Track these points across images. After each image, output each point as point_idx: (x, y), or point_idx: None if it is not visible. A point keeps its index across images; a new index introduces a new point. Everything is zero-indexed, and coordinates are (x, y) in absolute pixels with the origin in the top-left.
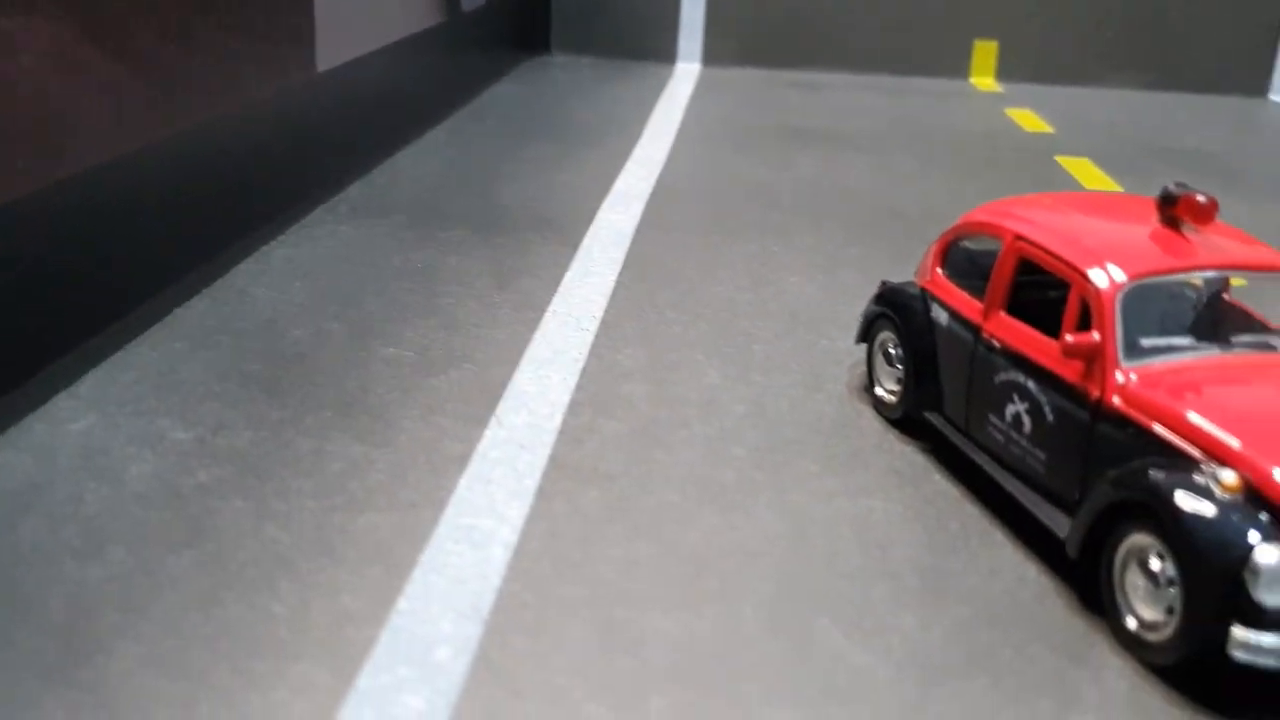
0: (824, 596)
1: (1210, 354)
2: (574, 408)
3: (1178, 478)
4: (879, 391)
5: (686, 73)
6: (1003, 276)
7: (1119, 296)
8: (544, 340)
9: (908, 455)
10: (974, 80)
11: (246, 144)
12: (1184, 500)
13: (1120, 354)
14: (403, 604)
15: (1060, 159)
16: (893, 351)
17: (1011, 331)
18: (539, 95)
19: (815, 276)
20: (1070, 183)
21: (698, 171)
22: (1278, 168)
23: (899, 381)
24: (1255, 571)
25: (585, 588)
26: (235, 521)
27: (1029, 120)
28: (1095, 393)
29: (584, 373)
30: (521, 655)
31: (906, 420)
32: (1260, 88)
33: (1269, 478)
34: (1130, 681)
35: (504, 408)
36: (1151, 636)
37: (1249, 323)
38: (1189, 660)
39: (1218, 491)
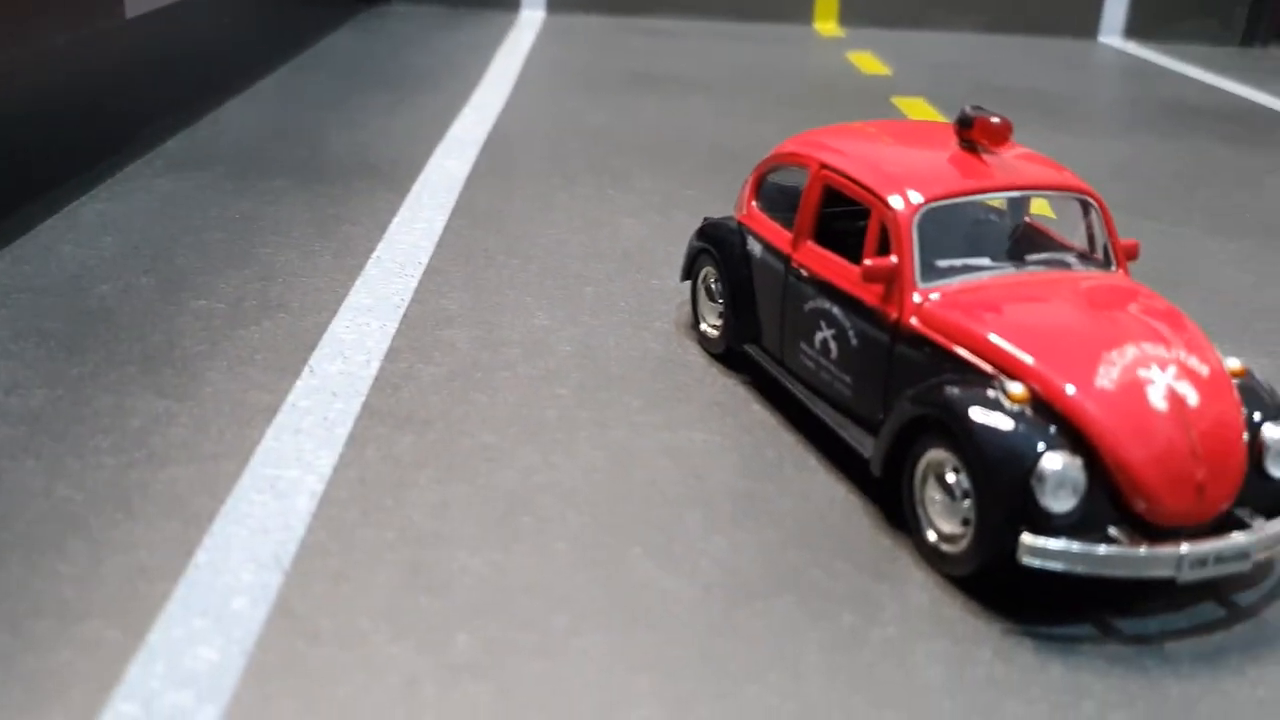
0: (638, 527)
1: (1005, 273)
2: (392, 354)
3: (969, 392)
4: (703, 327)
5: (531, 20)
6: (809, 205)
7: (915, 219)
8: (365, 287)
9: (730, 388)
10: (817, 25)
11: (47, 95)
12: (974, 413)
13: (917, 276)
14: (201, 557)
15: (896, 99)
16: (714, 286)
17: (818, 259)
18: (377, 44)
19: (650, 218)
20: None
21: (537, 117)
22: (1104, 104)
23: (720, 316)
24: (1041, 478)
25: (393, 532)
26: (24, 482)
27: (869, 63)
28: (894, 314)
29: (405, 318)
30: (322, 601)
31: (730, 354)
32: (1090, 30)
33: (1056, 389)
34: (931, 594)
35: (318, 356)
36: (950, 548)
37: (1045, 242)
38: (985, 569)
39: (1006, 404)
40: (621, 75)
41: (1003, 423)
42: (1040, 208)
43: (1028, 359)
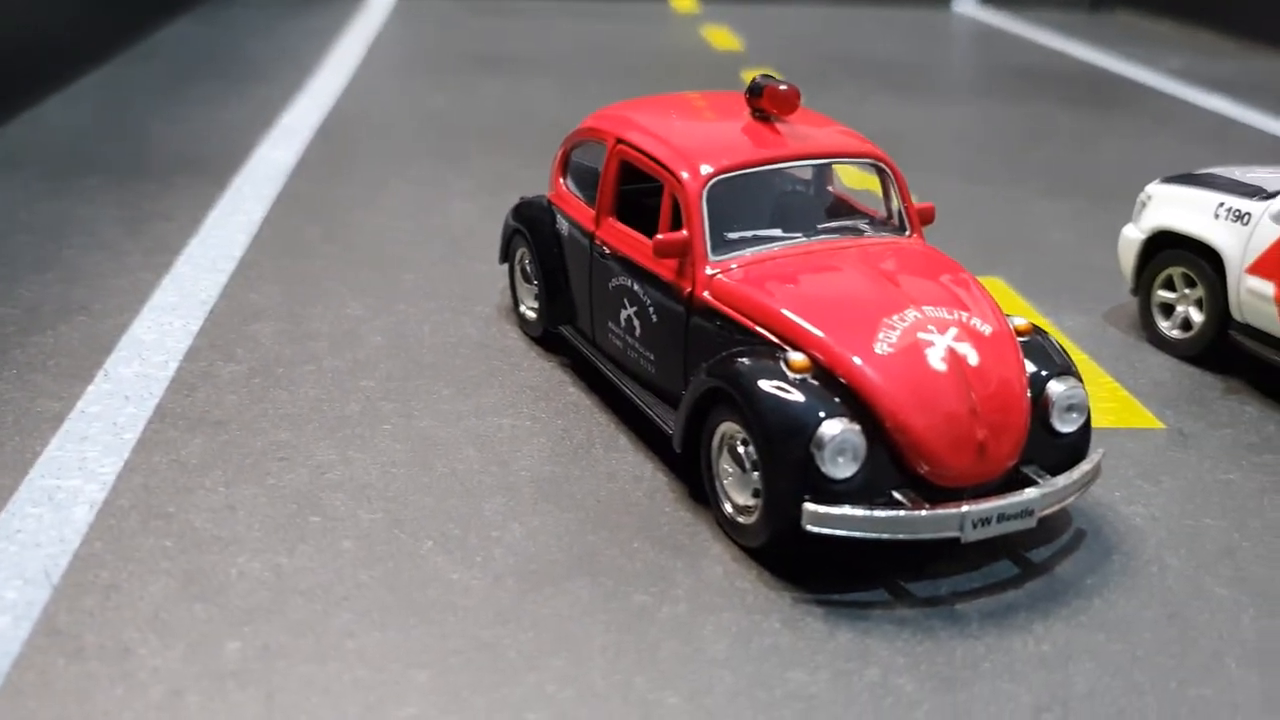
0: (433, 520)
1: (796, 243)
2: (193, 353)
3: (752, 363)
4: (522, 309)
5: (381, 3)
6: (608, 181)
7: (703, 192)
8: (172, 285)
9: (546, 371)
10: (673, 2)
11: None
12: (755, 384)
13: (708, 248)
14: None
15: (746, 73)
16: (530, 268)
17: (619, 236)
18: (218, 33)
19: (483, 200)
20: None
21: (376, 102)
22: (952, 72)
23: (537, 298)
24: (820, 445)
25: (171, 539)
26: None
27: (722, 38)
28: (688, 288)
29: (211, 315)
30: (90, 615)
31: (549, 336)
32: None
33: (837, 357)
34: (726, 567)
35: (114, 359)
36: (744, 520)
37: (840, 209)
38: (778, 539)
39: (788, 373)
40: (469, 57)
41: (783, 392)
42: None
43: (810, 328)
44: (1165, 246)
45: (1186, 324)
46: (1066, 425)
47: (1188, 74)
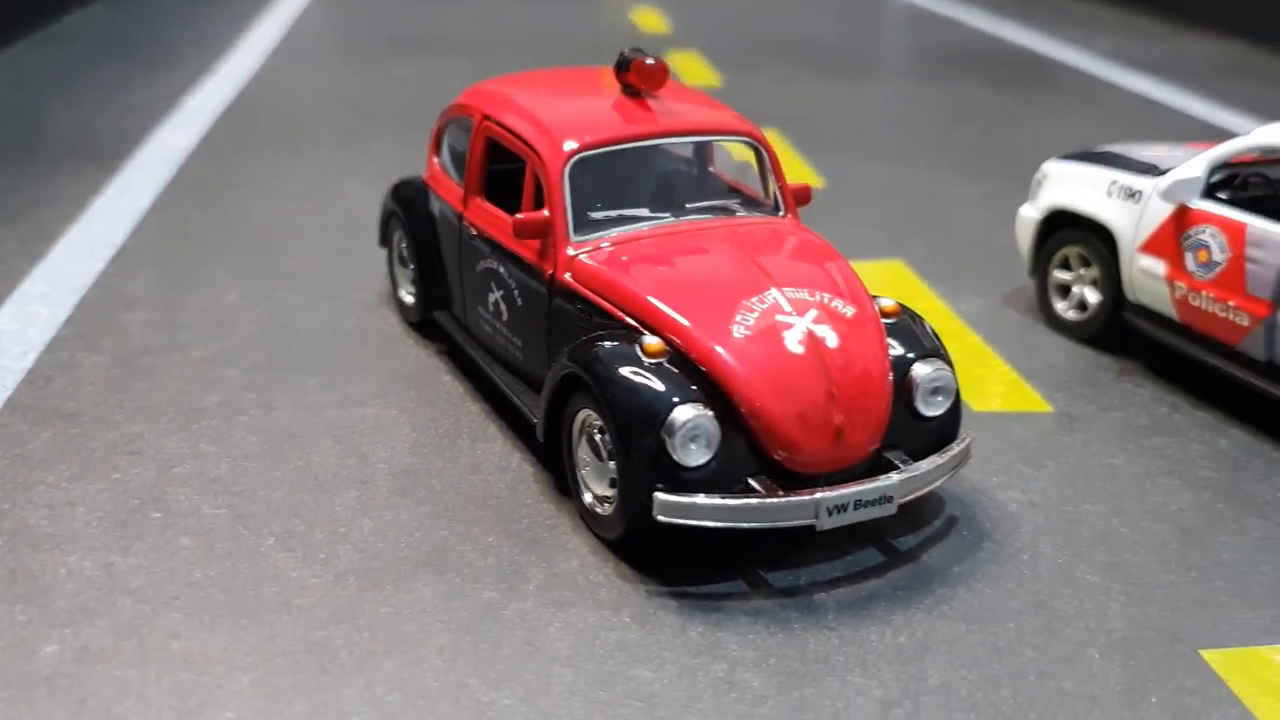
0: (279, 514)
1: (663, 223)
2: (56, 343)
3: (607, 348)
4: (400, 294)
5: None
6: (475, 159)
7: (565, 170)
8: (44, 274)
9: (421, 359)
10: None
11: None
12: (608, 370)
13: (570, 229)
14: None
15: (669, 56)
16: (406, 251)
17: (486, 217)
18: (132, 15)
19: (381, 184)
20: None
21: (287, 85)
22: (881, 53)
23: (414, 282)
24: (671, 432)
25: (2, 537)
26: None
27: (650, 20)
28: (549, 270)
29: (81, 304)
30: None
31: (428, 322)
32: None
33: (693, 340)
34: (583, 560)
35: None
36: (602, 511)
37: (712, 188)
38: (636, 529)
39: (642, 358)
40: (389, 39)
41: (636, 378)
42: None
43: (667, 311)
44: (1061, 226)
45: (1083, 305)
46: (932, 408)
47: (1118, 55)
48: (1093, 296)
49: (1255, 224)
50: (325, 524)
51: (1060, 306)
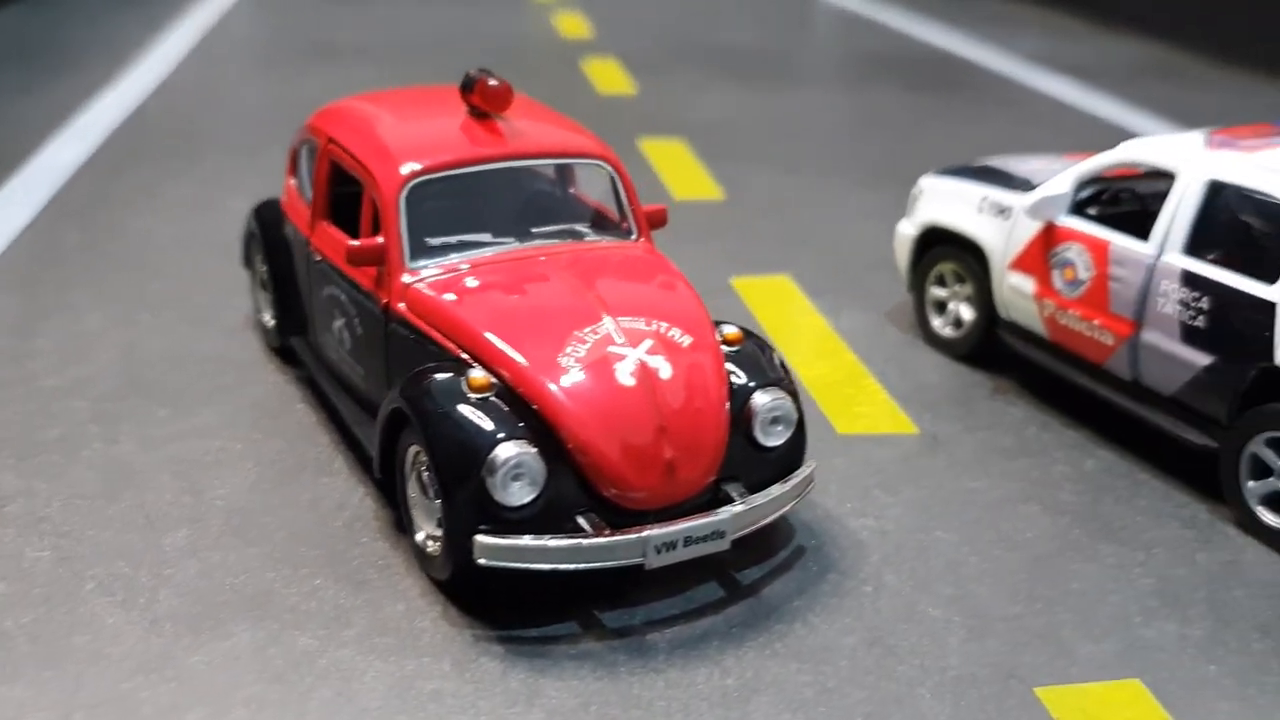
0: (104, 556)
1: (506, 249)
2: None
3: (431, 382)
4: (263, 318)
5: None
6: (320, 183)
7: (401, 194)
8: None
9: (278, 387)
10: None
11: None
12: (430, 404)
13: (405, 256)
14: None
15: (587, 62)
16: (265, 275)
17: (329, 242)
18: (44, 18)
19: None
20: (585, 84)
21: (189, 95)
22: (800, 59)
23: (273, 306)
24: (492, 470)
25: None
26: None
27: (572, 25)
28: (385, 298)
29: None
30: None
31: (290, 347)
32: None
33: (521, 373)
34: (410, 604)
35: None
36: (432, 550)
37: (561, 211)
38: (459, 571)
39: (467, 393)
40: (303, 46)
41: (458, 414)
42: None
43: (496, 342)
44: (937, 242)
45: (958, 322)
46: (772, 438)
47: (1040, 57)
48: (968, 314)
49: (1118, 242)
50: (151, 566)
51: (937, 323)
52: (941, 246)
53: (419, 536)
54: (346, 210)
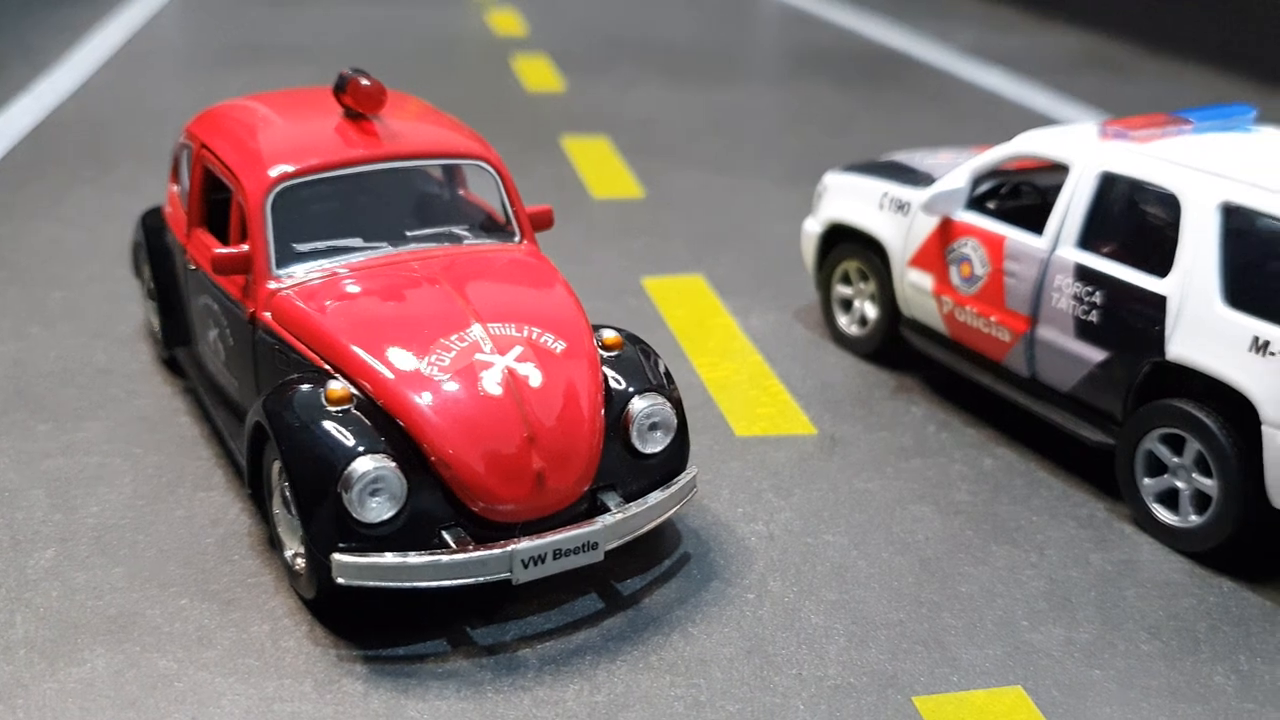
0: None
1: (378, 254)
2: None
3: (289, 395)
4: (154, 328)
5: None
6: (195, 189)
7: (267, 200)
8: None
9: (165, 399)
10: None
11: None
12: (285, 419)
13: (271, 263)
14: None
15: (517, 59)
16: (152, 285)
17: (202, 250)
18: None
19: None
20: (514, 82)
21: (106, 101)
22: (735, 55)
23: (159, 315)
24: (348, 486)
25: None
26: None
27: (506, 22)
28: (251, 307)
29: None
30: None
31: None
32: None
33: (383, 384)
34: (275, 624)
35: None
36: (300, 567)
37: (448, 214)
38: (323, 590)
39: (325, 405)
40: (231, 48)
41: (314, 428)
42: None
43: (358, 352)
44: (841, 239)
45: (864, 320)
46: (651, 445)
47: (976, 50)
48: (872, 312)
49: (1013, 236)
50: (11, 587)
51: (843, 322)
52: (845, 244)
53: (288, 554)
54: (223, 217)
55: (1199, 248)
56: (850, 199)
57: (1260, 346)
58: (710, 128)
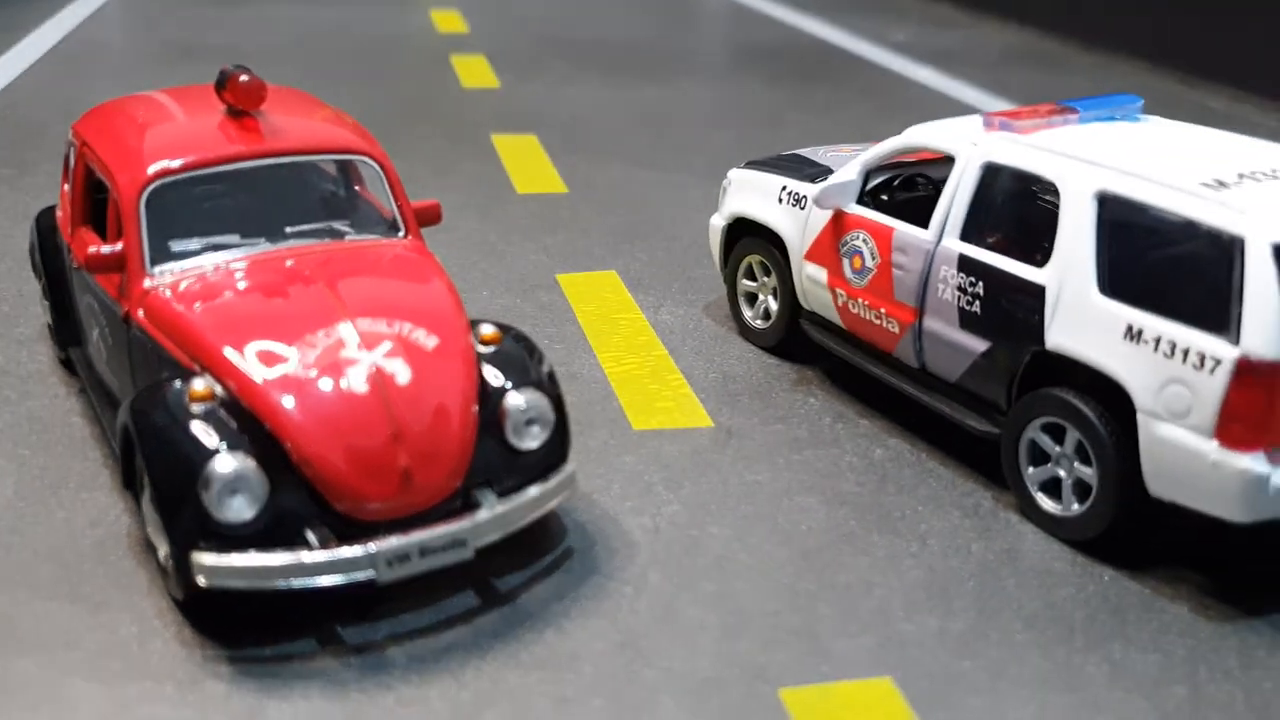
0: None
1: (256, 250)
2: None
3: (152, 395)
4: (51, 328)
5: None
6: (77, 187)
7: (141, 197)
8: None
9: (59, 400)
10: None
11: None
12: (146, 419)
13: (146, 261)
14: None
15: (455, 58)
16: (45, 284)
17: (83, 249)
18: None
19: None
20: (451, 79)
21: (34, 101)
22: (672, 51)
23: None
24: (208, 485)
25: None
26: None
27: (449, 21)
28: (126, 306)
29: None
30: None
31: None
32: None
33: (246, 382)
34: (144, 625)
35: None
36: (170, 569)
37: (333, 209)
38: (189, 591)
39: (188, 404)
40: (167, 48)
41: (174, 427)
42: None
43: (223, 350)
44: (745, 234)
45: (768, 314)
46: (527, 441)
47: (912, 44)
48: (775, 305)
49: (900, 228)
50: None
51: (748, 315)
52: (749, 238)
53: (161, 554)
54: (105, 215)
55: (1076, 237)
56: (751, 194)
57: (1134, 335)
58: (640, 124)
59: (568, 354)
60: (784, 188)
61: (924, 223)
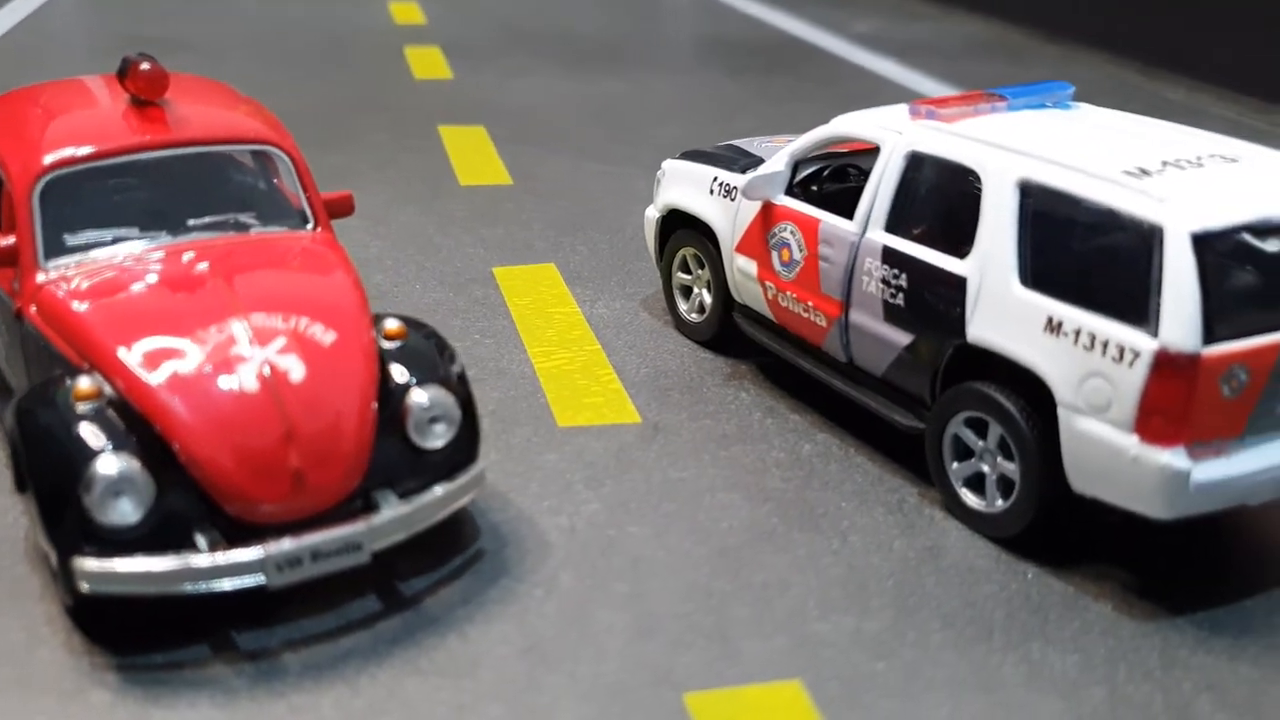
0: None
1: (154, 244)
2: None
3: (35, 394)
4: None
5: None
6: None
7: (35, 190)
8: None
9: None
10: None
11: None
12: (27, 419)
13: (39, 255)
14: None
15: (409, 49)
16: None
17: None
18: None
19: None
20: (404, 70)
21: None
22: (636, 44)
23: None
24: (90, 487)
25: None
26: None
27: (407, 13)
28: (19, 303)
29: None
30: None
31: None
32: None
33: (133, 381)
34: (33, 632)
35: None
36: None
37: (239, 201)
38: (76, 596)
39: (72, 404)
40: (119, 42)
41: (56, 427)
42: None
43: (113, 349)
44: (679, 226)
45: (702, 307)
46: (431, 439)
47: (874, 36)
48: (709, 298)
49: (826, 220)
50: None
51: (683, 309)
52: (683, 230)
53: (52, 558)
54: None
55: (997, 227)
56: (685, 185)
57: (1055, 327)
58: (593, 117)
59: (497, 349)
60: (715, 179)
61: (852, 214)
